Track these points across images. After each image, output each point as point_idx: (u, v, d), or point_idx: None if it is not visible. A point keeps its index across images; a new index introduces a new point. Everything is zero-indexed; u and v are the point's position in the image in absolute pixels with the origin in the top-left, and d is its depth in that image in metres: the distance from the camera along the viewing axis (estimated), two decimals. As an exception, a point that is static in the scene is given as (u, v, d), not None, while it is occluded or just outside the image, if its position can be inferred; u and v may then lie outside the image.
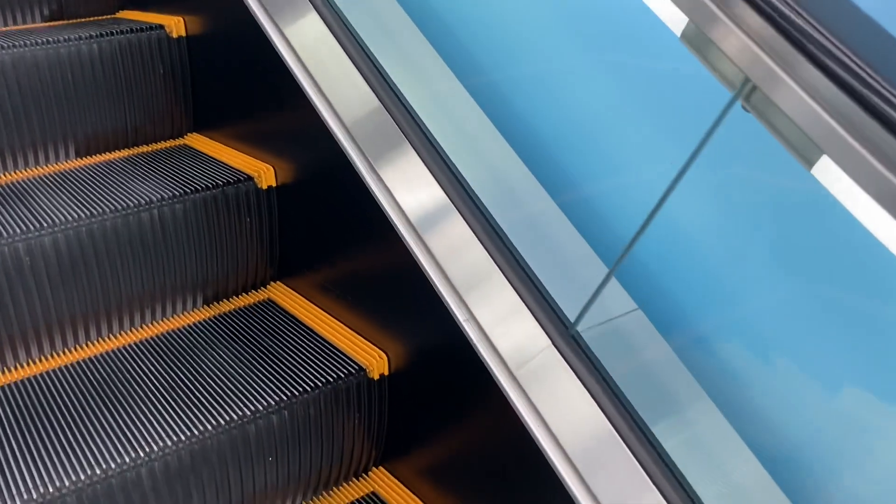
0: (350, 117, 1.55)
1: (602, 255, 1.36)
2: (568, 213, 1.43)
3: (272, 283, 1.84)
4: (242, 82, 1.87)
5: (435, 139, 1.47)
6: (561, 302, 1.30)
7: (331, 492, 1.61)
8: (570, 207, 1.43)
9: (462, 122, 1.58)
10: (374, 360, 1.56)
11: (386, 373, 1.57)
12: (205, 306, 1.77)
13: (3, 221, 1.54)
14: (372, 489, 1.61)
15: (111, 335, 1.67)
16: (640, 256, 1.24)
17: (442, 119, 1.54)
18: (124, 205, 1.61)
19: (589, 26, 1.57)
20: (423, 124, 1.48)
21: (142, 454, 1.35)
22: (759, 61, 0.92)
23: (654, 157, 1.43)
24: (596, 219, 1.44)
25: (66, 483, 1.29)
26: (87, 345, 1.64)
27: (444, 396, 1.49)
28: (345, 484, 1.63)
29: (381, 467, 1.66)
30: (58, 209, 1.59)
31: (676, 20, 1.04)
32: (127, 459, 1.34)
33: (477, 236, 1.37)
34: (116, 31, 1.87)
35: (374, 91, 1.52)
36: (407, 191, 1.45)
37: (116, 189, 1.69)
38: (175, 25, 1.92)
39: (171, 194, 1.66)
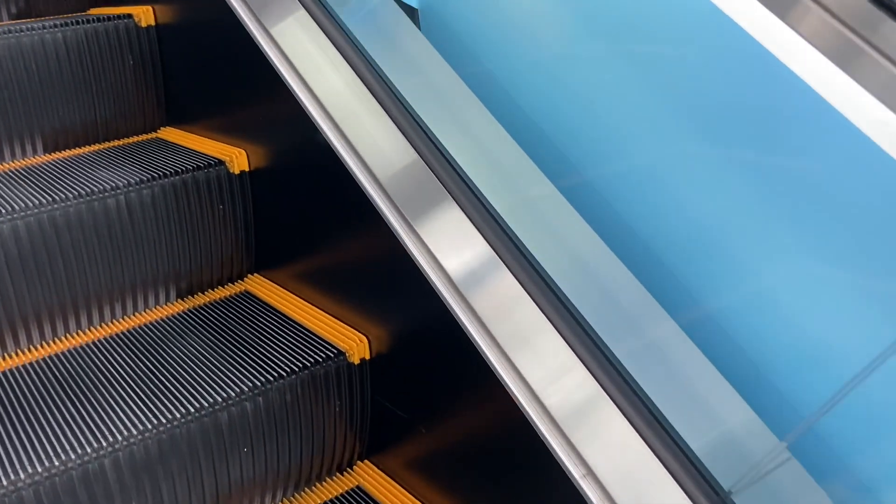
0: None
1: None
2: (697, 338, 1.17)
3: (249, 275, 1.76)
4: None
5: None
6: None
7: (313, 487, 1.51)
8: (701, 330, 1.19)
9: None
10: (354, 344, 1.48)
11: (367, 357, 1.49)
12: (178, 300, 1.69)
13: (-41, 209, 1.46)
14: (357, 483, 1.52)
15: (78, 331, 1.58)
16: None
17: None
18: (88, 190, 1.54)
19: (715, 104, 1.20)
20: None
21: (104, 444, 1.26)
22: None
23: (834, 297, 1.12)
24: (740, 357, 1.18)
25: (22, 476, 1.20)
26: (52, 341, 1.56)
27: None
28: (328, 479, 1.53)
29: (366, 461, 1.56)
30: (18, 197, 1.51)
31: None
32: (88, 450, 1.25)
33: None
34: (82, 21, 1.81)
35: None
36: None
37: (81, 177, 1.61)
38: (143, 14, 1.86)
39: (137, 179, 1.59)
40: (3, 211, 1.46)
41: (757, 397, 1.09)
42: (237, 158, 1.67)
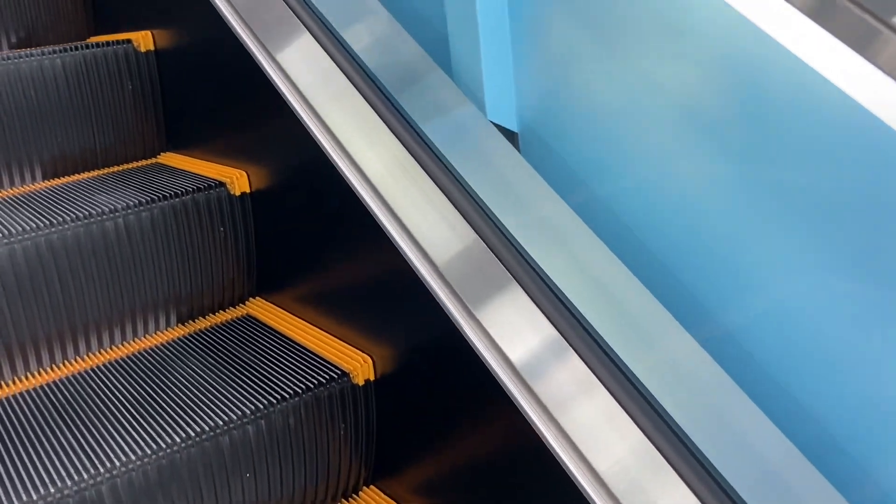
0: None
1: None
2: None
3: (251, 298, 1.73)
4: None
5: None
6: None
7: (318, 514, 1.47)
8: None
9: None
10: (358, 365, 1.44)
11: (372, 378, 1.45)
12: (179, 324, 1.66)
13: (-44, 234, 1.44)
14: (363, 509, 1.48)
15: (77, 357, 1.55)
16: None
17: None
18: (86, 213, 1.51)
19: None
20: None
21: (102, 470, 1.22)
22: None
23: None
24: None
25: (16, 503, 1.16)
26: (50, 368, 1.52)
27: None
28: (334, 506, 1.49)
29: (372, 486, 1.52)
30: (16, 221, 1.49)
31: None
32: (85, 476, 1.21)
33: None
34: (81, 46, 1.80)
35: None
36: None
37: (80, 201, 1.59)
38: (143, 39, 1.86)
39: (136, 202, 1.56)
40: (0, 235, 1.43)
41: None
42: (238, 180, 1.65)
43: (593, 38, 1.16)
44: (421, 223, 1.30)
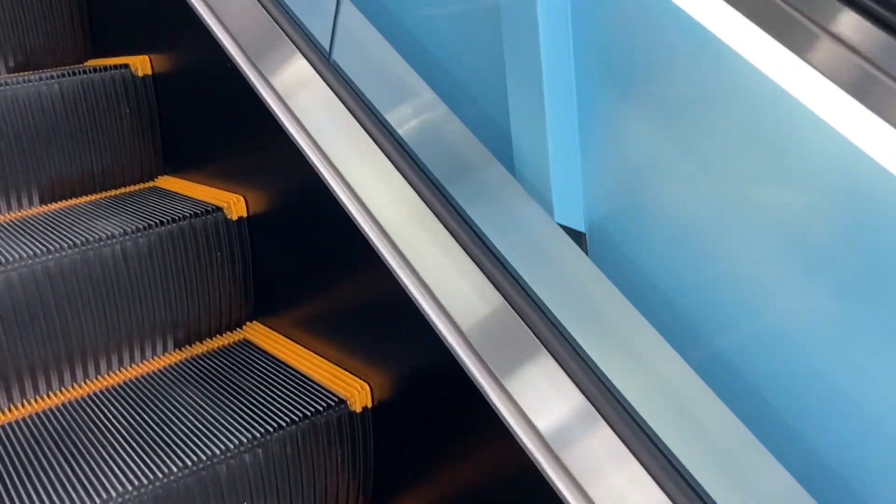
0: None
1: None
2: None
3: (248, 323, 1.73)
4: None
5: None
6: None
7: (316, 543, 1.46)
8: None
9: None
10: (356, 392, 1.43)
11: (369, 405, 1.44)
12: (176, 350, 1.65)
13: (-48, 262, 1.44)
14: (361, 537, 1.47)
15: (73, 384, 1.54)
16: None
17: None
18: (83, 239, 1.51)
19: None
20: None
21: (98, 501, 1.21)
22: None
23: None
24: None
25: (11, 536, 1.15)
26: (46, 395, 1.52)
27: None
28: (331, 534, 1.48)
29: (370, 514, 1.51)
30: (12, 248, 1.49)
31: None
32: (80, 507, 1.20)
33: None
34: (78, 71, 1.81)
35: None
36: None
37: (77, 227, 1.59)
38: (140, 64, 1.86)
39: (133, 227, 1.56)
40: (-3, 262, 1.43)
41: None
42: (235, 205, 1.65)
43: (678, 144, 1.05)
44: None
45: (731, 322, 1.02)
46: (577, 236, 1.18)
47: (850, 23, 0.90)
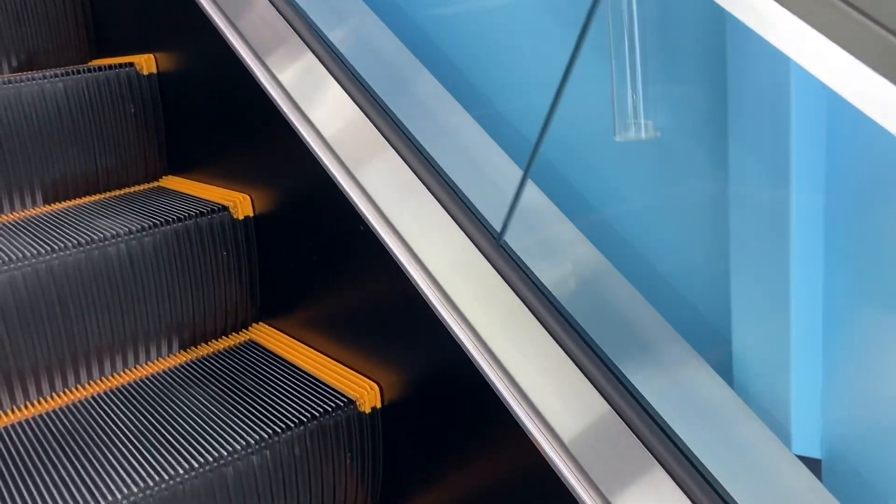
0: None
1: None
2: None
3: (254, 323, 1.71)
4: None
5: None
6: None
7: (324, 546, 1.44)
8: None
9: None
10: (365, 392, 1.41)
11: (378, 405, 1.42)
12: (181, 351, 1.63)
13: (-45, 261, 1.41)
14: (369, 540, 1.44)
15: (78, 385, 1.52)
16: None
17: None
18: (88, 238, 1.49)
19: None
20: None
21: (103, 503, 1.19)
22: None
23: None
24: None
25: (15, 538, 1.13)
26: (51, 396, 1.50)
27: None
28: (339, 537, 1.46)
29: (379, 516, 1.49)
30: (16, 247, 1.47)
31: None
32: (86, 509, 1.18)
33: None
34: (83, 70, 1.79)
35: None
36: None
37: (81, 226, 1.57)
38: (145, 62, 1.84)
39: (139, 227, 1.54)
40: (1, 261, 1.41)
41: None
42: (241, 204, 1.63)
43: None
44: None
45: None
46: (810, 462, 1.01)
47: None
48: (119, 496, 1.20)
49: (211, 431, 1.34)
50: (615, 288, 1.15)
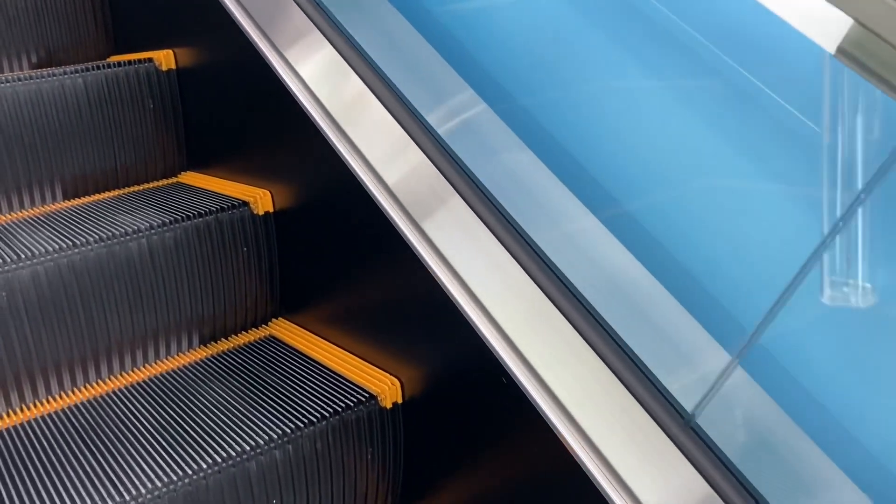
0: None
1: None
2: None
3: (274, 319, 1.71)
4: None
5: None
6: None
7: (345, 541, 1.43)
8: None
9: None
10: (386, 387, 1.41)
11: (399, 400, 1.42)
12: (201, 346, 1.63)
13: (-22, 256, 1.42)
14: (391, 536, 1.44)
15: (99, 380, 1.53)
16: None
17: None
18: (109, 234, 1.49)
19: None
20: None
21: (128, 497, 1.19)
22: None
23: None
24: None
25: (41, 532, 1.13)
26: (72, 391, 1.50)
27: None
28: (360, 532, 1.45)
29: (400, 512, 1.48)
30: (38, 242, 1.47)
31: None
32: (110, 503, 1.18)
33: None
34: (102, 66, 1.79)
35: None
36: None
37: (102, 221, 1.57)
38: (164, 58, 1.84)
39: (159, 222, 1.54)
40: (23, 256, 1.41)
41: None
42: (261, 199, 1.63)
43: None
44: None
45: None
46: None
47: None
48: (143, 491, 1.20)
49: (233, 426, 1.34)
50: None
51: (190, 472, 1.24)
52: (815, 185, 1.01)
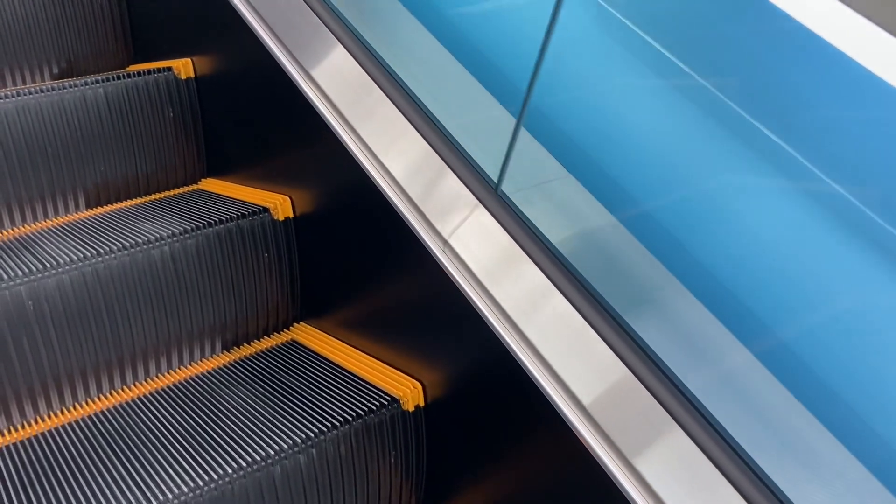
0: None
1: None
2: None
3: (296, 323, 1.72)
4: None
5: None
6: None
7: (369, 544, 1.44)
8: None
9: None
10: (408, 391, 1.42)
11: (422, 404, 1.42)
12: (224, 351, 1.65)
13: (4, 266, 1.44)
14: (415, 538, 1.45)
15: (124, 386, 1.55)
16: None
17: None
18: (132, 242, 1.51)
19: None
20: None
21: (154, 502, 1.21)
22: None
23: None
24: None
25: (71, 538, 1.15)
26: (98, 398, 1.52)
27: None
28: (384, 534, 1.46)
29: (423, 514, 1.49)
30: (63, 251, 1.49)
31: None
32: (138, 509, 1.20)
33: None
34: (123, 75, 1.81)
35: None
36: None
37: (125, 229, 1.59)
38: (183, 67, 1.86)
39: (181, 229, 1.56)
40: (48, 265, 1.43)
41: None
42: (281, 205, 1.64)
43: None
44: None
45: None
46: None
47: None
48: (170, 496, 1.22)
49: (258, 431, 1.35)
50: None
51: (216, 476, 1.25)
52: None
